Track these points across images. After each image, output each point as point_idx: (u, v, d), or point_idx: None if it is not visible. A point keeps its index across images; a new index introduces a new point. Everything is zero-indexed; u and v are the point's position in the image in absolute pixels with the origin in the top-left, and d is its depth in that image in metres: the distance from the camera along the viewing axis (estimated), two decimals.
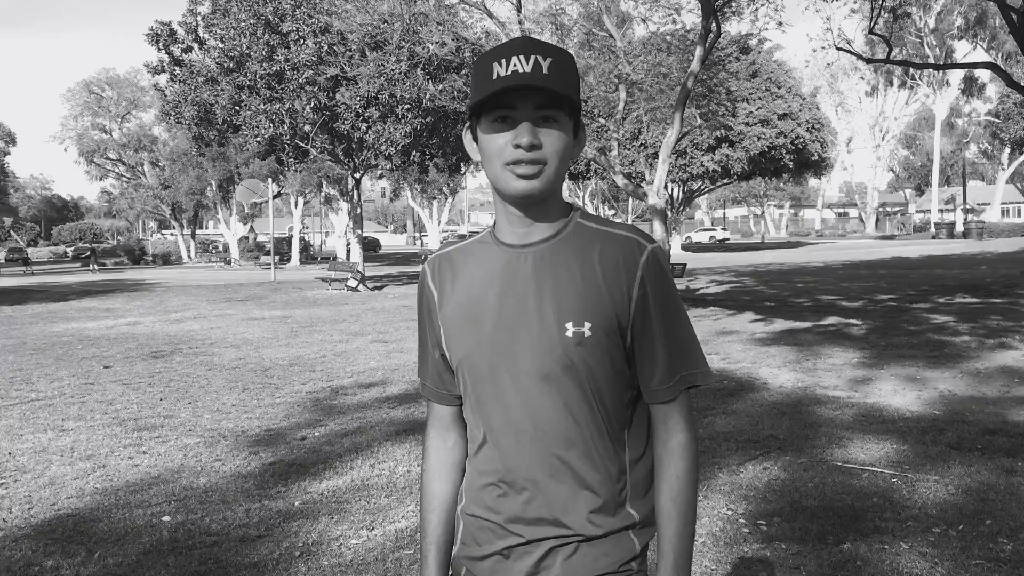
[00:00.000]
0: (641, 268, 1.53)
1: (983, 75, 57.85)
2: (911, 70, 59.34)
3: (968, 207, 59.27)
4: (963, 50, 56.63)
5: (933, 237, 55.69)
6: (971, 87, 60.95)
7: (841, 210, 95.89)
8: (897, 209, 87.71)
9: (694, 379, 1.58)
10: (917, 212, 78.20)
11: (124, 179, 58.25)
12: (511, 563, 1.58)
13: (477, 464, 1.63)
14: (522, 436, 1.55)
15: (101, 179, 59.21)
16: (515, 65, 1.46)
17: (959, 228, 55.85)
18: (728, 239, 73.67)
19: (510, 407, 1.55)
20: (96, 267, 46.33)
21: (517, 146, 1.48)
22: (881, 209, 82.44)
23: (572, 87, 1.51)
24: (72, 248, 68.32)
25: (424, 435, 1.79)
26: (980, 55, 52.22)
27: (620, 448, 1.58)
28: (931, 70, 57.00)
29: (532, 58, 1.47)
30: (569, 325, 1.51)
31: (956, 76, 60.36)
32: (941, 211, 67.30)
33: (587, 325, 1.51)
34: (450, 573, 1.72)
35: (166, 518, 4.80)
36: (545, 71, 1.46)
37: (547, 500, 1.55)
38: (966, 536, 4.25)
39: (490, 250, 1.61)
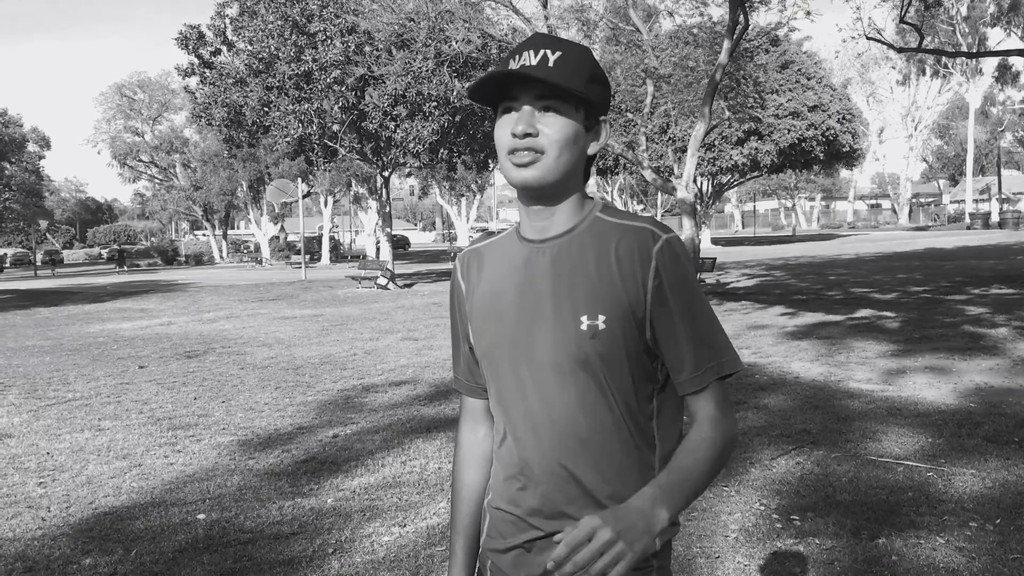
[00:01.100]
0: (655, 258, 1.50)
1: (1017, 63, 56.91)
2: (943, 59, 58.50)
3: (1003, 197, 58.41)
4: (996, 37, 55.91)
5: (968, 228, 54.93)
6: (1005, 75, 59.95)
7: (873, 201, 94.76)
8: (931, 200, 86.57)
9: (722, 369, 1.54)
10: (951, 202, 77.09)
11: (156, 181, 58.96)
12: (532, 556, 1.59)
13: (500, 457, 1.65)
14: (540, 430, 1.55)
15: (134, 181, 59.99)
16: (524, 59, 1.51)
17: (994, 218, 55.06)
18: None
19: (529, 401, 1.56)
20: (125, 268, 46.61)
21: (514, 134, 1.50)
22: (914, 200, 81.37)
23: (580, 79, 1.51)
24: (107, 250, 69.23)
25: (457, 427, 1.81)
26: (1014, 42, 51.37)
27: (646, 442, 1.56)
28: (964, 58, 56.16)
29: (541, 52, 1.51)
30: (584, 318, 1.50)
31: (990, 64, 59.53)
32: (976, 201, 66.34)
33: (601, 318, 1.50)
34: (478, 566, 1.73)
35: (201, 516, 4.86)
36: (550, 64, 1.49)
37: (564, 494, 1.55)
38: (1004, 530, 4.19)
39: (513, 246, 1.63)
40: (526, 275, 1.58)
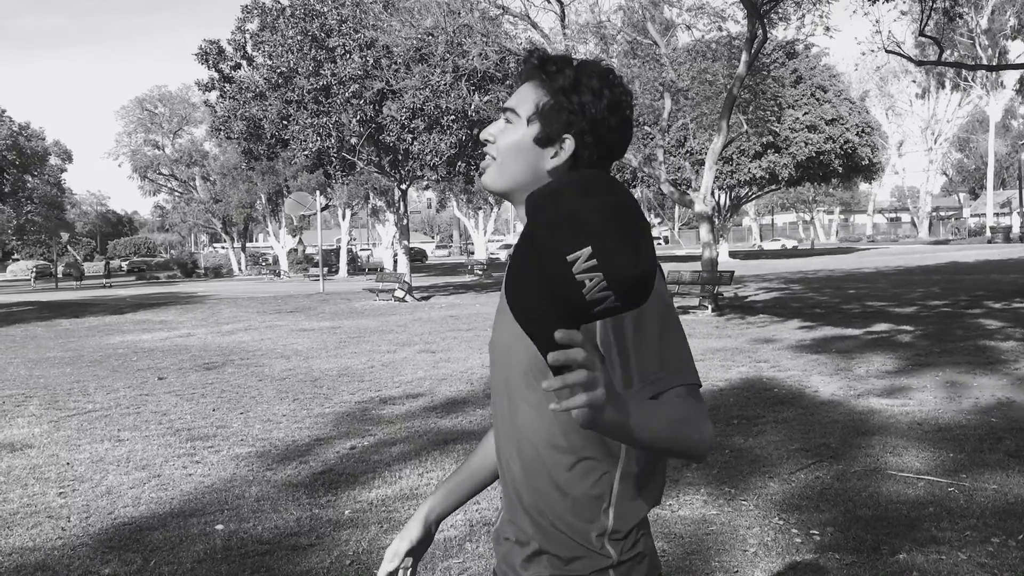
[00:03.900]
0: None
1: None
2: (963, 72, 58.22)
3: None
4: (1017, 50, 55.49)
5: (989, 241, 54.56)
6: None
7: (893, 215, 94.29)
8: (951, 213, 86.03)
9: (676, 380, 1.42)
10: (972, 216, 76.60)
11: (176, 194, 59.45)
12: (502, 548, 1.63)
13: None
14: (504, 423, 1.59)
15: (154, 194, 60.54)
16: None
17: (1015, 232, 54.66)
18: None
19: (497, 394, 1.61)
20: (108, 283, 45.69)
21: None
22: (934, 213, 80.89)
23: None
24: (127, 262, 69.74)
25: None
26: None
27: (608, 451, 1.50)
28: (984, 71, 55.85)
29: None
30: None
31: (1011, 77, 59.11)
32: (997, 215, 65.89)
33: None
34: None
35: (219, 526, 4.88)
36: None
37: (518, 489, 1.57)
38: None
39: None
40: None
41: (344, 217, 51.81)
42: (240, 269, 58.05)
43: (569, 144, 1.53)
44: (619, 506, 1.51)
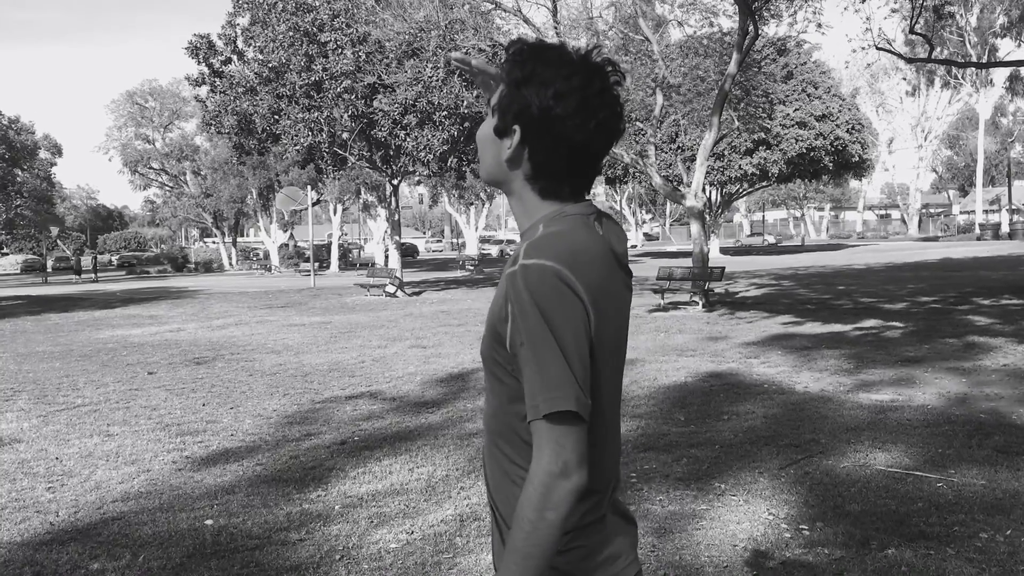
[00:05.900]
0: (506, 280, 1.47)
1: None
2: (953, 69, 58.41)
3: (1014, 207, 58.24)
4: (1006, 48, 55.72)
5: (978, 238, 54.79)
6: (1016, 85, 59.83)
7: (883, 212, 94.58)
8: (940, 210, 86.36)
9: (536, 411, 1.41)
10: (961, 213, 76.91)
11: (167, 188, 59.12)
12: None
13: None
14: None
15: (145, 188, 60.20)
16: None
17: (1004, 229, 54.92)
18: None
19: None
20: (96, 277, 44.95)
21: None
22: (924, 210, 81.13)
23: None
24: (117, 256, 69.41)
25: None
26: None
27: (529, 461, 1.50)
28: (974, 69, 56.04)
29: None
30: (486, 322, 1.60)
31: (1000, 74, 59.37)
32: (986, 212, 66.18)
33: (485, 326, 1.58)
34: None
35: (208, 521, 4.87)
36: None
37: (485, 470, 1.65)
38: (1014, 542, 4.17)
39: None
40: None
41: (335, 212, 51.67)
42: (231, 264, 57.82)
43: (517, 135, 1.55)
44: None
